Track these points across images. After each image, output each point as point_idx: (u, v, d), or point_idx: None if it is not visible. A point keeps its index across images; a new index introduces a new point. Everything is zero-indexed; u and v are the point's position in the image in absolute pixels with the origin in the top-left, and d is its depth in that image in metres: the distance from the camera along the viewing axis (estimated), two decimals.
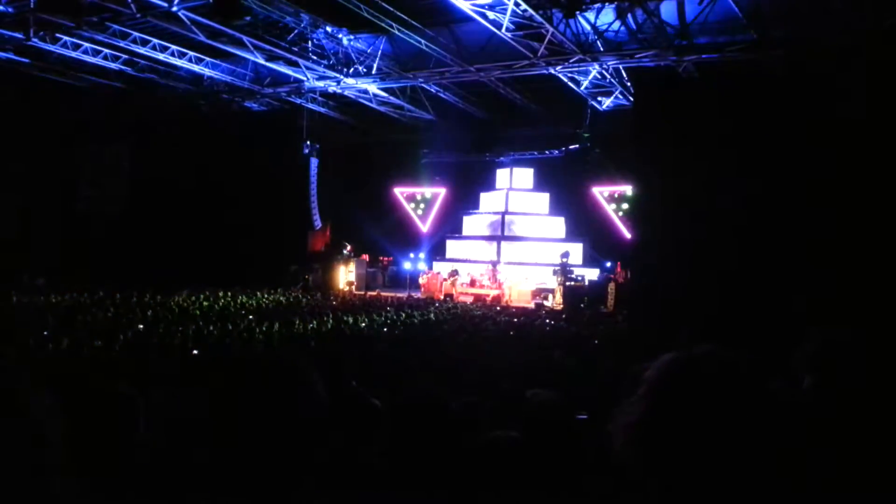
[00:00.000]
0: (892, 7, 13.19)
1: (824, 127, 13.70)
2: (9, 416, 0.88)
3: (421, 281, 24.00)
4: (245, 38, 16.62)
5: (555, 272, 21.22)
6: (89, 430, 2.35)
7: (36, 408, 0.92)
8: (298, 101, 22.66)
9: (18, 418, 0.89)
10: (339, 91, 21.47)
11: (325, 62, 18.62)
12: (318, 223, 23.74)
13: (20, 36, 16.30)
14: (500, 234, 25.62)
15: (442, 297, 21.50)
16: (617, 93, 19.94)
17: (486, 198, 27.14)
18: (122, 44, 17.34)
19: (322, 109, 23.17)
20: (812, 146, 13.91)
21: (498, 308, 18.85)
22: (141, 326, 11.37)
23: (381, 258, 27.11)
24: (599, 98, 20.82)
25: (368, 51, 18.35)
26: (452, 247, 26.60)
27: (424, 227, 28.13)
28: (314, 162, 22.92)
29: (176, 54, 18.69)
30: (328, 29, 17.20)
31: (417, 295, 22.28)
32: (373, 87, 21.05)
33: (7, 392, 0.90)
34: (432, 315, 15.53)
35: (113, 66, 19.24)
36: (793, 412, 1.15)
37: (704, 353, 1.19)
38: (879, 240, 13.19)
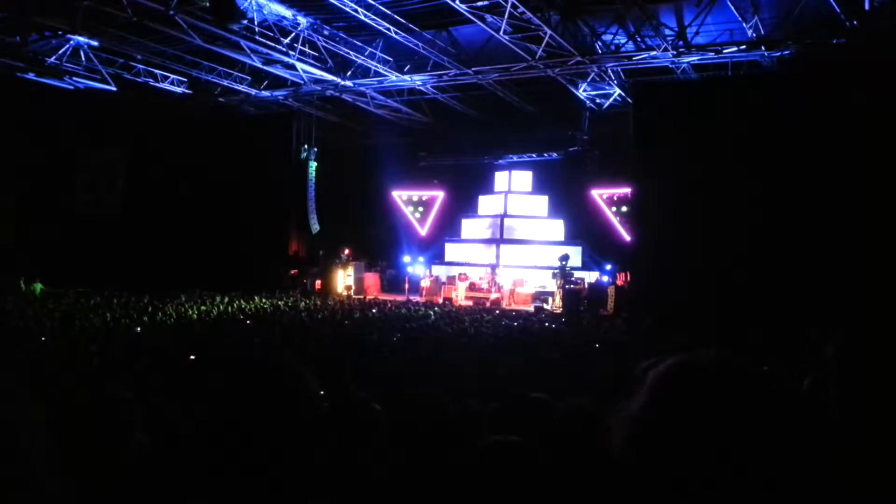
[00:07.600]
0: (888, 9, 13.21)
1: (825, 127, 13.71)
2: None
3: (423, 284, 23.95)
4: (242, 42, 16.62)
5: (554, 275, 21.19)
6: (86, 434, 2.32)
7: (25, 414, 0.89)
8: (296, 104, 22.65)
9: (8, 423, 0.86)
10: (336, 94, 21.48)
11: (322, 65, 18.60)
12: (316, 227, 23.67)
13: (16, 40, 16.30)
14: (499, 238, 25.61)
15: (441, 301, 21.46)
16: (615, 95, 19.97)
17: (484, 201, 27.11)
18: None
19: (319, 113, 23.16)
20: (813, 147, 13.92)
21: (497, 311, 18.80)
22: (139, 329, 11.33)
23: (380, 262, 27.05)
24: (598, 100, 20.86)
25: (365, 54, 18.31)
26: (451, 250, 26.57)
27: (423, 231, 28.10)
28: (312, 165, 22.89)
29: (171, 58, 18.70)
30: (325, 32, 17.16)
31: (416, 299, 22.24)
32: (370, 90, 21.06)
33: None
34: (432, 317, 15.49)
35: (109, 70, 19.22)
36: (795, 415, 1.15)
37: (708, 356, 1.18)
38: (882, 241, 13.17)
